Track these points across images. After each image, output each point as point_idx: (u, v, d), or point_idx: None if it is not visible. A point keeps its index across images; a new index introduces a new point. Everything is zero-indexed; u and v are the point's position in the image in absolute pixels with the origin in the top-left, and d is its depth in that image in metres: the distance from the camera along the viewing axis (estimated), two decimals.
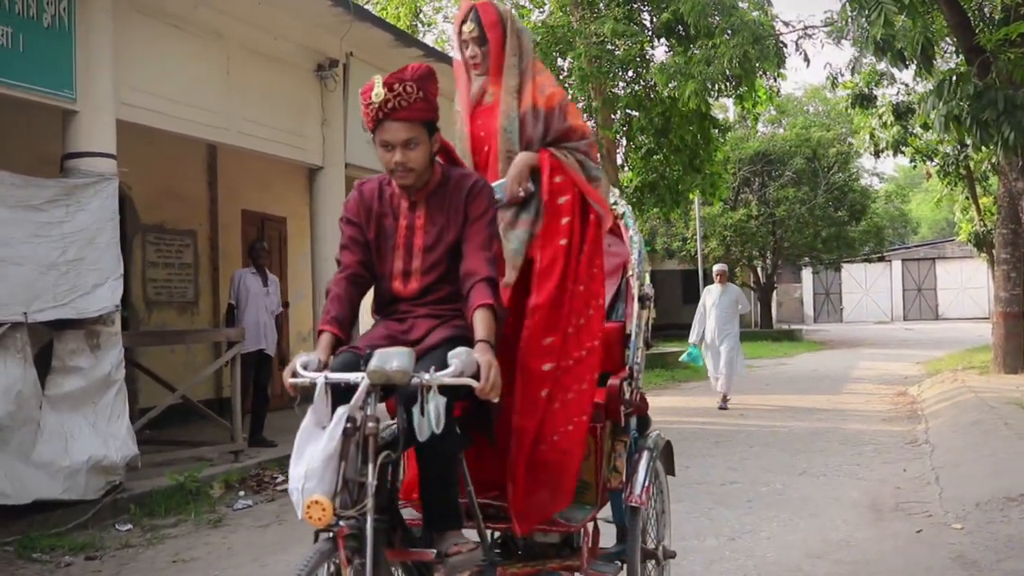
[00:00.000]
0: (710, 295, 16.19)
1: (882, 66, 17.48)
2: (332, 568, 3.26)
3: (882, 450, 11.31)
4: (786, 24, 18.35)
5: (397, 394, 3.48)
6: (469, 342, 3.60)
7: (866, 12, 10.52)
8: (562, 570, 4.42)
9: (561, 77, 22.12)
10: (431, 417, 3.34)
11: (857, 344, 35.04)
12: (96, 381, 8.17)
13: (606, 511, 4.71)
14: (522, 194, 4.35)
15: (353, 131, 11.51)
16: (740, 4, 19.13)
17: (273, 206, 15.12)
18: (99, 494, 8.06)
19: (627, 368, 4.72)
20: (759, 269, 41.21)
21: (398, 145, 3.77)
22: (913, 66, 13.02)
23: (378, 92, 3.73)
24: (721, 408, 15.74)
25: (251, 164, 13.47)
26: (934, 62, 13.90)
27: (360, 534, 3.27)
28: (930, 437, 11.92)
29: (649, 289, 4.90)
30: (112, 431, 8.22)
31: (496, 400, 3.55)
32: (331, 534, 3.24)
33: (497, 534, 4.53)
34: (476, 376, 3.44)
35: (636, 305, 4.82)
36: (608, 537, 4.79)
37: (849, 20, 11.20)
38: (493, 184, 4.23)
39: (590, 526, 4.50)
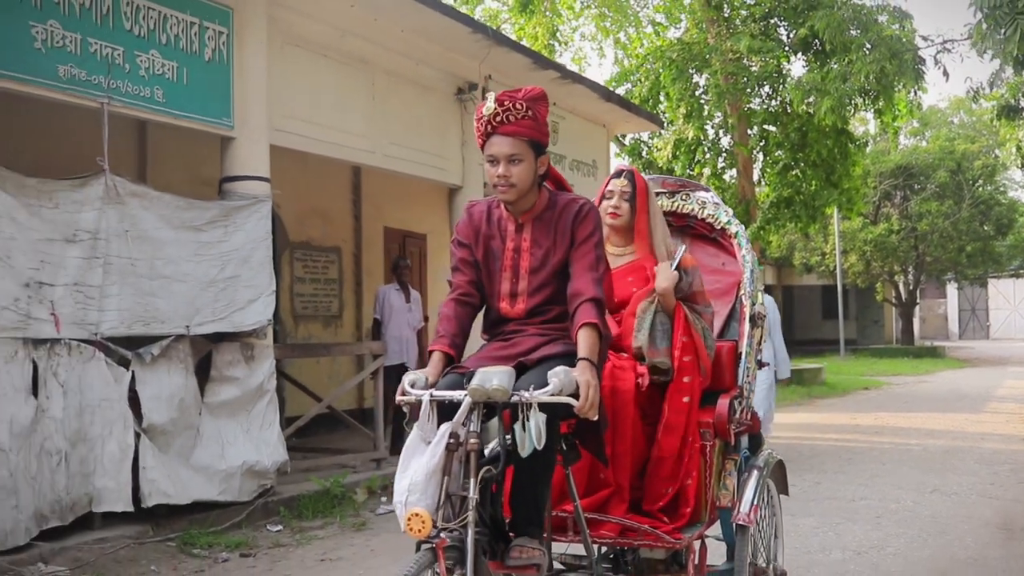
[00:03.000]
0: None
1: None
2: None
3: (1019, 470, 11.18)
4: (924, 39, 18.06)
5: (500, 411, 3.64)
6: (575, 359, 3.75)
7: (1001, 29, 10.45)
8: None
9: (696, 94, 22.26)
10: (532, 434, 3.51)
11: (1002, 362, 34.10)
12: (250, 390, 8.71)
13: (717, 529, 4.79)
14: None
15: None
16: (879, 18, 19.00)
17: (414, 223, 15.66)
18: (252, 496, 8.60)
19: (738, 387, 4.81)
20: (900, 285, 40.42)
21: (502, 159, 3.92)
22: None
23: (489, 106, 3.92)
24: None
25: (393, 183, 14.01)
26: None
27: (461, 546, 3.44)
28: None
29: (761, 308, 5.00)
30: (264, 438, 8.75)
31: (595, 418, 3.70)
32: (432, 545, 3.42)
33: (605, 548, 4.68)
34: (576, 394, 3.60)
35: (747, 325, 4.92)
36: (720, 555, 4.92)
37: (984, 36, 11.06)
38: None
39: (696, 543, 4.57)
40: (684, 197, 5.40)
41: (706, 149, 23.31)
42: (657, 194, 5.24)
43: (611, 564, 4.78)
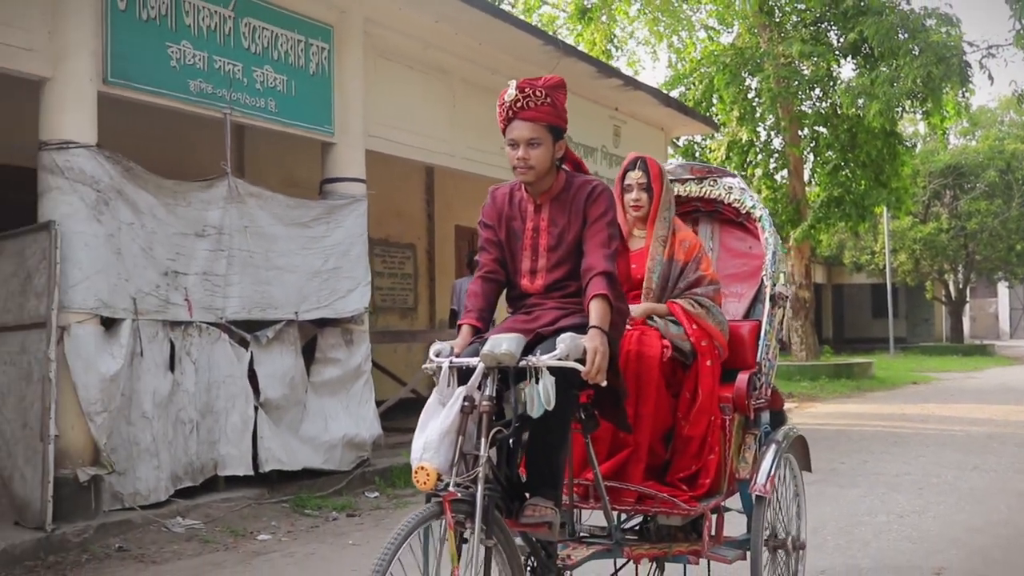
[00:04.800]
0: None
1: None
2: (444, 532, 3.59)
3: None
4: (970, 44, 18.74)
5: (513, 376, 3.82)
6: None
7: None
8: (688, 554, 4.70)
9: (749, 97, 23.02)
10: (539, 395, 3.69)
11: None
12: (349, 371, 9.67)
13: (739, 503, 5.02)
14: None
15: None
16: (927, 23, 19.68)
17: None
18: (351, 466, 9.54)
19: (757, 364, 4.98)
20: (950, 283, 40.79)
21: (522, 142, 4.09)
22: None
23: (511, 93, 4.12)
24: None
25: (464, 184, 14.94)
26: None
27: (472, 500, 3.62)
28: None
29: (783, 289, 5.20)
30: (362, 413, 9.70)
31: (603, 383, 3.87)
32: (440, 498, 3.58)
33: (625, 516, 4.86)
34: (584, 360, 3.78)
35: (768, 304, 5.13)
36: (741, 528, 5.09)
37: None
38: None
39: (714, 514, 4.75)
40: (712, 183, 5.59)
41: (758, 150, 24.15)
42: (685, 180, 5.53)
43: (637, 533, 4.93)
